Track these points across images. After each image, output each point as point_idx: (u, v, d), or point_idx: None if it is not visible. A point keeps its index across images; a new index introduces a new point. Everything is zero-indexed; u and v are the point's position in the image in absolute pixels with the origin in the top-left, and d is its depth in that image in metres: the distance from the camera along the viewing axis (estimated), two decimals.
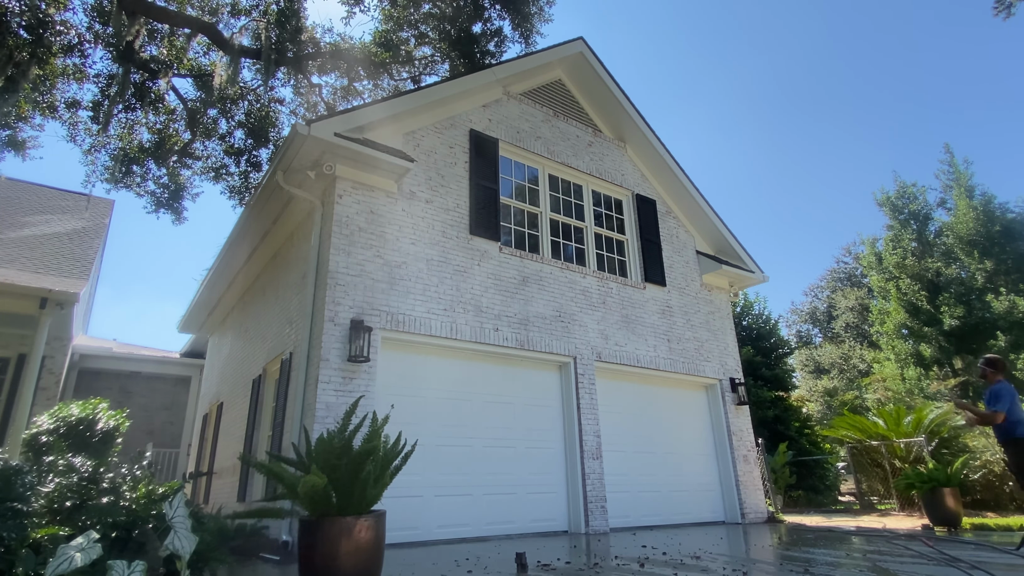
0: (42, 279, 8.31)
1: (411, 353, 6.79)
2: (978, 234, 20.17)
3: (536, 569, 4.34)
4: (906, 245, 22.24)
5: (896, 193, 23.10)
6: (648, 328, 9.06)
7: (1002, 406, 5.50)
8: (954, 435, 11.47)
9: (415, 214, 7.22)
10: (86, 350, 12.68)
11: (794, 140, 61.91)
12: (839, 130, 59.65)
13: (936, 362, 20.25)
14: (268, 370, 7.79)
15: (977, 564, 4.42)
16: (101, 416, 7.26)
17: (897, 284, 21.64)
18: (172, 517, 2.75)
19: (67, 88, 11.58)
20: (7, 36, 8.98)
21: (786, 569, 4.39)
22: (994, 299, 18.86)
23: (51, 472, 3.54)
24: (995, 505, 10.41)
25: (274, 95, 13.94)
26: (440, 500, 6.42)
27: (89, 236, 12.04)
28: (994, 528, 8.10)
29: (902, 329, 21.55)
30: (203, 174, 13.93)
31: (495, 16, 12.57)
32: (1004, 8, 7.66)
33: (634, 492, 8.09)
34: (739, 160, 64.05)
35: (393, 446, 3.90)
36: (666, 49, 56.99)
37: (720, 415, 9.51)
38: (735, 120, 61.34)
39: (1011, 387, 5.70)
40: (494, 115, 8.68)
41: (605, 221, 9.58)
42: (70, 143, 12.05)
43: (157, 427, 13.77)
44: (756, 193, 64.56)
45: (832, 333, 35.58)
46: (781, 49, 57.00)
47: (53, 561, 2.31)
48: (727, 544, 6.15)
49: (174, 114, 13.21)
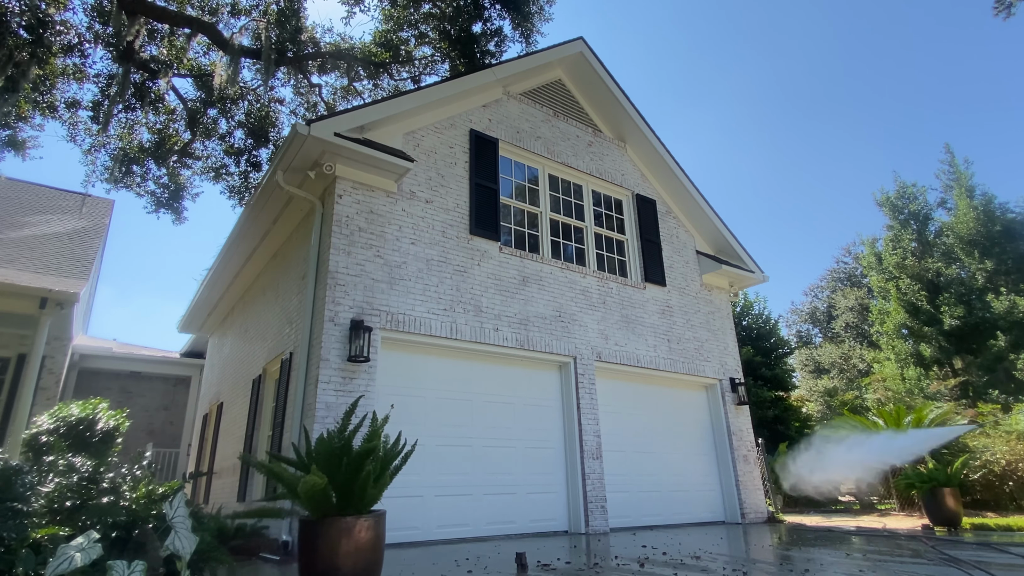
0: (42, 279, 8.31)
1: (411, 353, 6.79)
2: (978, 234, 20.16)
3: (536, 569, 4.34)
4: (906, 245, 22.23)
5: (896, 193, 23.08)
6: (648, 328, 9.06)
7: None
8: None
9: (415, 214, 7.22)
10: (86, 350, 12.68)
11: (794, 140, 61.92)
12: (839, 130, 59.65)
13: (936, 362, 20.24)
14: (268, 370, 7.79)
15: (977, 564, 4.42)
16: (101, 416, 7.26)
17: (897, 284, 21.63)
18: (172, 517, 2.75)
19: (67, 88, 11.57)
20: (7, 36, 8.98)
21: (786, 569, 4.39)
22: (994, 299, 18.85)
23: (51, 472, 3.54)
24: (995, 505, 10.41)
25: (274, 95, 13.94)
26: (440, 500, 6.42)
27: (89, 236, 12.04)
28: (994, 528, 8.10)
29: (902, 329, 21.54)
30: (203, 174, 13.93)
31: (495, 16, 12.56)
32: (1004, 8, 7.66)
33: (634, 492, 8.09)
34: (739, 160, 64.07)
35: (393, 446, 3.90)
36: (666, 50, 57.01)
37: (720, 415, 9.51)
38: (735, 120, 61.36)
39: None
40: (494, 115, 8.68)
41: (605, 221, 9.58)
42: (70, 143, 12.03)
43: (157, 427, 13.78)
44: (756, 193, 64.58)
45: (832, 333, 35.57)
46: (781, 49, 56.99)
47: (53, 561, 2.31)
48: (727, 544, 6.15)
49: (174, 114, 13.20)
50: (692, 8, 51.27)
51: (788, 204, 63.09)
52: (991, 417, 12.43)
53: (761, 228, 60.66)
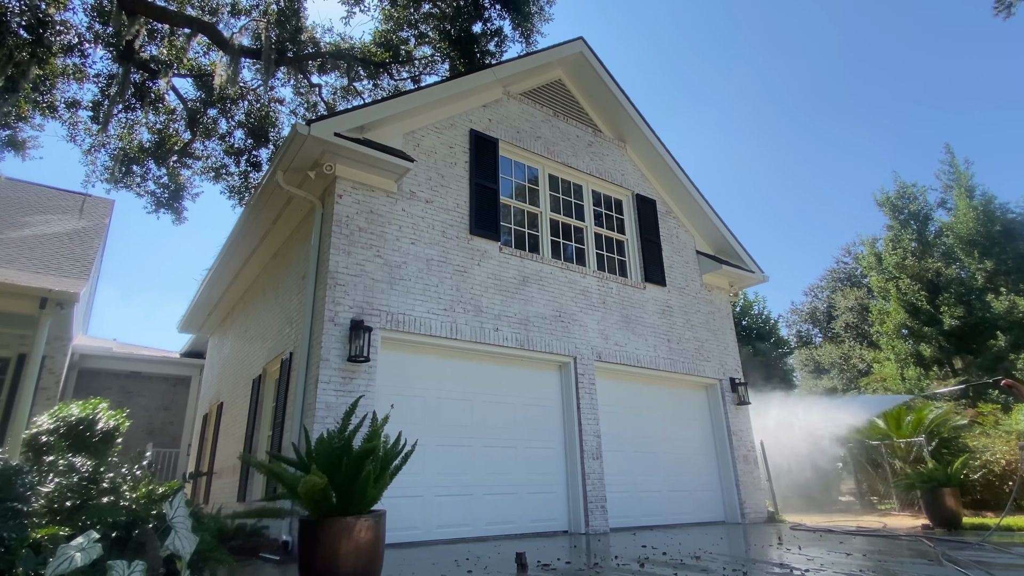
0: (42, 279, 8.31)
1: (411, 353, 6.79)
2: (978, 234, 20.16)
3: (536, 569, 4.34)
4: (906, 245, 22.23)
5: (896, 193, 23.08)
6: (648, 328, 9.06)
7: None
8: (954, 435, 11.47)
9: (415, 214, 7.22)
10: (86, 350, 12.68)
11: (794, 140, 61.93)
12: (839, 130, 59.66)
13: (936, 362, 20.24)
14: (268, 370, 7.79)
15: (977, 564, 4.42)
16: (101, 416, 7.26)
17: (897, 284, 21.63)
18: (172, 517, 2.75)
19: (67, 88, 11.57)
20: (7, 36, 8.98)
21: (786, 569, 4.39)
22: (994, 299, 18.85)
23: (51, 472, 3.53)
24: (995, 505, 10.40)
25: (274, 95, 13.94)
26: (440, 500, 6.42)
27: (89, 236, 12.04)
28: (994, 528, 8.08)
29: (902, 329, 21.54)
30: (203, 174, 13.93)
31: (495, 16, 12.57)
32: (1004, 8, 7.66)
33: (634, 492, 8.09)
34: (739, 160, 64.07)
35: (393, 446, 3.90)
36: (666, 50, 57.02)
37: (720, 415, 9.51)
38: (735, 120, 61.37)
39: None
40: (494, 115, 8.68)
41: (605, 221, 9.58)
42: (70, 143, 12.04)
43: (157, 427, 13.77)
44: (756, 193, 64.58)
45: (832, 333, 35.56)
46: (781, 49, 57.00)
47: (53, 561, 2.31)
48: (727, 544, 6.15)
49: (174, 114, 13.21)
50: (693, 7, 51.28)
51: (788, 204, 63.08)
52: (991, 417, 12.43)
53: (761, 228, 60.66)
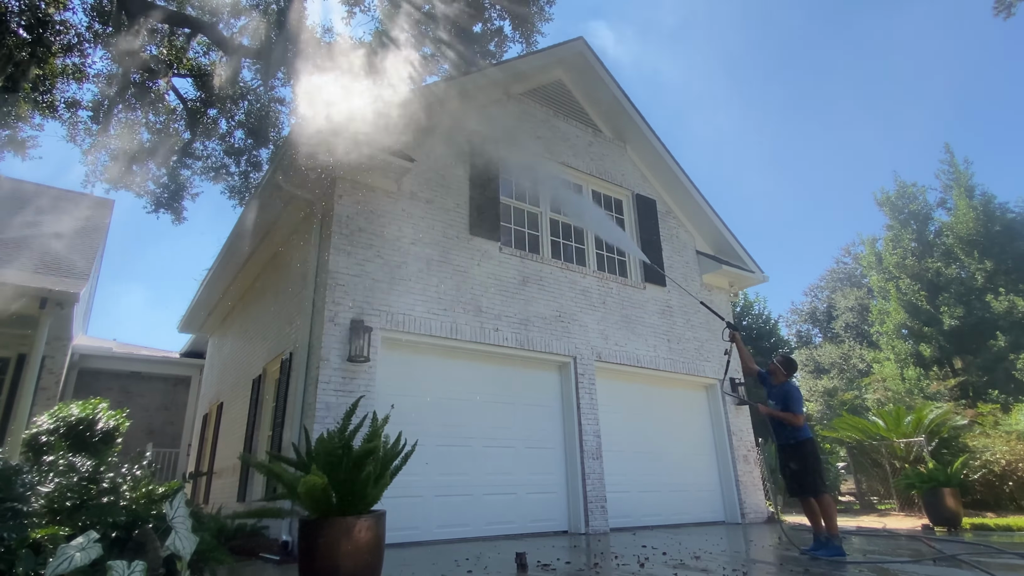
0: (42, 279, 8.29)
1: (411, 353, 6.78)
2: (978, 234, 20.15)
3: (536, 569, 4.34)
4: (906, 245, 22.22)
5: (896, 193, 23.07)
6: (648, 328, 9.05)
7: (800, 408, 5.37)
8: (954, 435, 11.47)
9: (415, 214, 7.22)
10: (86, 350, 12.67)
11: (794, 140, 61.93)
12: (839, 130, 59.66)
13: (936, 362, 20.24)
14: (268, 370, 7.79)
15: (977, 564, 4.42)
16: (101, 416, 7.25)
17: (897, 284, 21.62)
18: (172, 517, 2.75)
19: (67, 88, 11.56)
20: (7, 36, 8.98)
21: (786, 569, 4.39)
22: (994, 299, 18.84)
23: (51, 472, 3.53)
24: (995, 505, 10.41)
25: (274, 95, 13.93)
26: (440, 500, 6.42)
27: (89, 236, 12.02)
28: (994, 528, 8.10)
29: (902, 329, 21.53)
30: (203, 174, 13.91)
31: (495, 16, 12.56)
32: (1004, 8, 7.67)
33: (634, 492, 8.08)
34: (739, 160, 64.08)
35: (393, 446, 3.90)
36: (667, 50, 56.98)
37: (720, 415, 9.51)
38: (735, 120, 61.35)
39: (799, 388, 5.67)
40: (494, 115, 8.67)
41: None
42: (70, 143, 12.04)
43: (157, 427, 13.76)
44: (756, 193, 64.57)
45: (832, 333, 35.56)
46: (781, 49, 57.02)
47: (53, 561, 2.31)
48: (727, 544, 6.15)
49: (174, 114, 13.20)
50: (693, 7, 51.28)
51: (788, 204, 63.09)
52: (991, 417, 12.43)
53: (761, 228, 60.66)
